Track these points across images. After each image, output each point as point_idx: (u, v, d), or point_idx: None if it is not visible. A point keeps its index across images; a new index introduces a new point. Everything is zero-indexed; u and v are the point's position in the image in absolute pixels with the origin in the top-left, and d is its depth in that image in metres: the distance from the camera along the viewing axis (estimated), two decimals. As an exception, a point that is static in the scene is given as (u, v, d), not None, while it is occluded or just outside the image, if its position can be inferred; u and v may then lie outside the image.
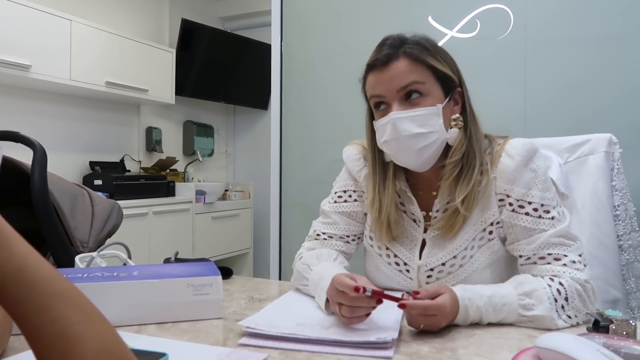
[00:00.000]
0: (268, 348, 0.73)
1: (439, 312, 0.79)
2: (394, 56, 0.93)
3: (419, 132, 0.92)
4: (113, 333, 0.43)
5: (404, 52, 0.93)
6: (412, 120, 0.92)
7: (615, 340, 0.67)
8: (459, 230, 0.97)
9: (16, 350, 0.71)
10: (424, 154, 0.94)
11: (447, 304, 0.80)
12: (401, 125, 0.92)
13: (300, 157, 2.16)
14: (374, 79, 0.96)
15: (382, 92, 0.94)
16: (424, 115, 0.92)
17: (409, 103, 0.93)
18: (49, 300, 0.40)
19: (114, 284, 0.83)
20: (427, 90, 0.93)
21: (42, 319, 0.40)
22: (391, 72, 0.93)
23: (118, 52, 3.23)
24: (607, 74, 1.65)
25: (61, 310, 0.41)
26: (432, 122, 0.93)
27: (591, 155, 1.28)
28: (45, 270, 0.42)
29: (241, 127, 4.73)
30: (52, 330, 0.40)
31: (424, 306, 0.78)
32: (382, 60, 0.94)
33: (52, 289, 0.41)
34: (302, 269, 1.03)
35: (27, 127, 2.88)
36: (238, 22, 4.56)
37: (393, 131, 0.93)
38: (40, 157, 1.07)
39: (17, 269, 0.40)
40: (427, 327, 0.80)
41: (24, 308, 0.40)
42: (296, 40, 2.16)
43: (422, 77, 0.93)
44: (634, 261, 1.26)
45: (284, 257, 2.14)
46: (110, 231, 1.25)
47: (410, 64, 0.93)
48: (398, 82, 0.92)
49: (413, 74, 0.92)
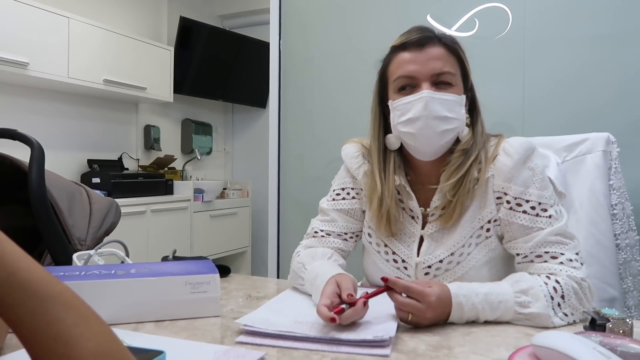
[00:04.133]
0: (265, 346, 0.73)
1: (422, 298, 0.79)
2: (430, 40, 0.95)
3: (447, 115, 0.94)
4: (110, 334, 0.43)
5: (440, 40, 0.96)
6: (442, 104, 0.94)
7: (611, 339, 0.67)
8: (457, 227, 0.97)
9: (13, 348, 0.71)
10: (443, 138, 0.96)
11: (434, 294, 0.80)
12: (433, 105, 0.93)
13: (298, 156, 2.16)
14: (406, 57, 0.96)
15: (415, 72, 0.95)
16: (453, 101, 0.95)
17: (438, 88, 0.95)
18: (43, 304, 0.40)
19: (111, 282, 0.83)
20: (455, 82, 0.96)
21: (37, 323, 0.39)
22: (428, 54, 0.95)
23: (116, 50, 3.23)
24: (605, 73, 1.66)
25: (56, 313, 0.40)
26: (457, 110, 0.96)
27: (589, 154, 1.28)
28: (38, 273, 0.41)
29: (240, 126, 4.73)
30: (49, 333, 0.39)
31: (405, 285, 0.80)
32: (418, 42, 0.95)
33: (46, 292, 0.40)
34: (297, 268, 1.03)
35: (25, 125, 2.87)
36: (237, 20, 4.55)
37: (424, 109, 0.93)
38: (38, 154, 1.06)
39: (8, 273, 0.39)
40: (414, 318, 0.80)
41: (18, 312, 0.39)
42: (295, 39, 2.16)
43: (454, 69, 0.96)
44: (631, 260, 1.26)
45: (282, 256, 2.14)
46: (108, 229, 1.25)
47: (446, 52, 0.96)
48: (434, 66, 0.94)
49: (448, 63, 0.96)
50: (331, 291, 0.82)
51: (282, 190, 2.17)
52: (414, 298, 0.80)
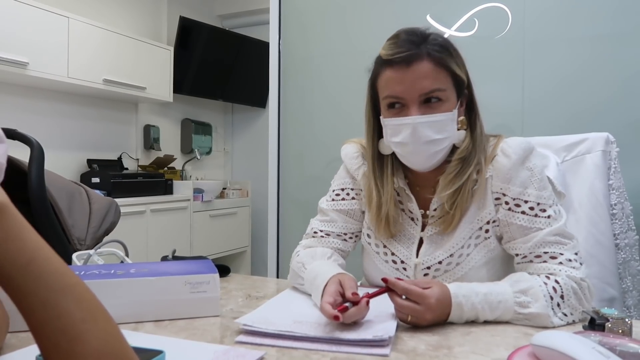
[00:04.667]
0: (265, 346, 0.73)
1: (421, 300, 0.79)
2: (417, 57, 0.90)
3: (436, 138, 0.92)
4: (116, 332, 0.43)
5: (428, 54, 0.90)
6: (431, 126, 0.91)
7: (611, 338, 0.67)
8: (456, 229, 0.97)
9: (13, 347, 0.71)
10: (435, 158, 0.95)
11: (434, 296, 0.80)
12: (422, 131, 0.91)
13: (298, 156, 2.16)
14: (392, 77, 0.92)
15: (402, 94, 0.92)
16: (441, 121, 0.92)
17: (428, 107, 0.92)
18: (56, 295, 0.40)
19: (111, 282, 0.83)
20: (446, 97, 0.92)
21: (47, 314, 0.39)
22: (415, 74, 0.90)
23: (116, 50, 3.23)
24: (604, 73, 1.66)
25: (67, 306, 0.40)
26: (448, 128, 0.93)
27: (588, 154, 1.28)
28: (55, 264, 0.41)
29: (239, 126, 4.73)
30: (57, 326, 0.39)
31: (405, 287, 0.80)
32: (404, 59, 0.90)
33: (60, 284, 0.41)
34: (297, 267, 1.03)
35: (24, 125, 2.85)
36: (236, 20, 4.55)
37: (412, 135, 0.91)
38: (38, 154, 1.07)
39: (27, 260, 0.39)
40: (413, 319, 0.80)
41: (31, 301, 0.39)
42: (294, 39, 2.16)
43: (444, 84, 0.92)
44: (630, 260, 1.26)
45: (282, 255, 2.14)
46: (107, 229, 1.25)
47: (434, 68, 0.90)
48: (422, 87, 0.90)
49: (437, 80, 0.91)
50: (334, 289, 0.82)
51: (281, 190, 2.17)
52: (413, 300, 0.80)
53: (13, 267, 0.39)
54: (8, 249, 0.39)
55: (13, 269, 0.39)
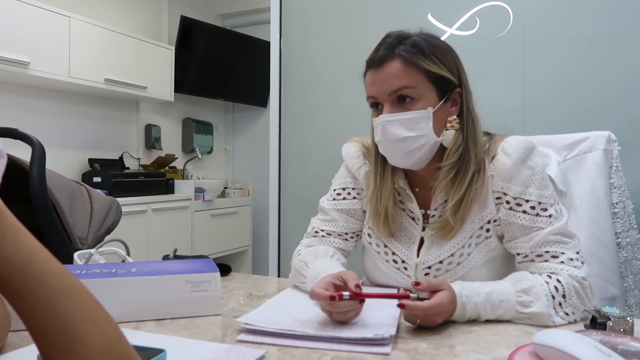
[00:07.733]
0: (266, 344, 0.73)
1: (437, 310, 0.79)
2: (388, 57, 0.93)
3: (407, 135, 0.93)
4: (117, 332, 0.43)
5: (399, 54, 0.92)
6: (401, 124, 0.93)
7: (612, 337, 0.67)
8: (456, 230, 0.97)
9: (15, 346, 0.71)
10: (413, 157, 0.95)
11: (446, 301, 0.80)
12: (390, 129, 0.93)
13: (299, 155, 2.16)
14: (369, 78, 0.97)
15: (375, 94, 0.95)
16: (412, 119, 0.92)
17: (401, 106, 0.93)
18: (55, 296, 0.40)
19: (112, 281, 0.83)
20: (418, 94, 0.92)
21: (47, 315, 0.39)
22: (384, 74, 0.93)
23: (117, 49, 3.23)
24: (606, 72, 1.65)
25: (67, 306, 0.40)
26: (421, 126, 0.93)
27: (590, 153, 1.28)
28: (52, 265, 0.41)
29: (240, 125, 4.73)
30: (57, 326, 0.39)
31: (424, 308, 0.78)
32: (377, 61, 0.94)
33: (58, 285, 0.41)
34: (299, 266, 1.03)
35: (26, 124, 2.86)
36: (237, 20, 4.55)
37: (383, 133, 0.95)
38: (39, 153, 1.07)
39: (24, 262, 0.39)
40: (423, 322, 0.80)
41: (30, 303, 0.39)
42: (295, 38, 2.16)
43: (413, 81, 0.92)
44: (632, 259, 1.26)
45: (283, 254, 2.14)
46: (109, 228, 1.26)
47: (402, 67, 0.92)
48: (389, 86, 0.93)
49: (404, 78, 0.92)
50: (328, 281, 0.82)
51: (282, 189, 2.17)
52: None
53: (11, 269, 0.39)
54: (5, 251, 0.39)
55: (11, 271, 0.39)
